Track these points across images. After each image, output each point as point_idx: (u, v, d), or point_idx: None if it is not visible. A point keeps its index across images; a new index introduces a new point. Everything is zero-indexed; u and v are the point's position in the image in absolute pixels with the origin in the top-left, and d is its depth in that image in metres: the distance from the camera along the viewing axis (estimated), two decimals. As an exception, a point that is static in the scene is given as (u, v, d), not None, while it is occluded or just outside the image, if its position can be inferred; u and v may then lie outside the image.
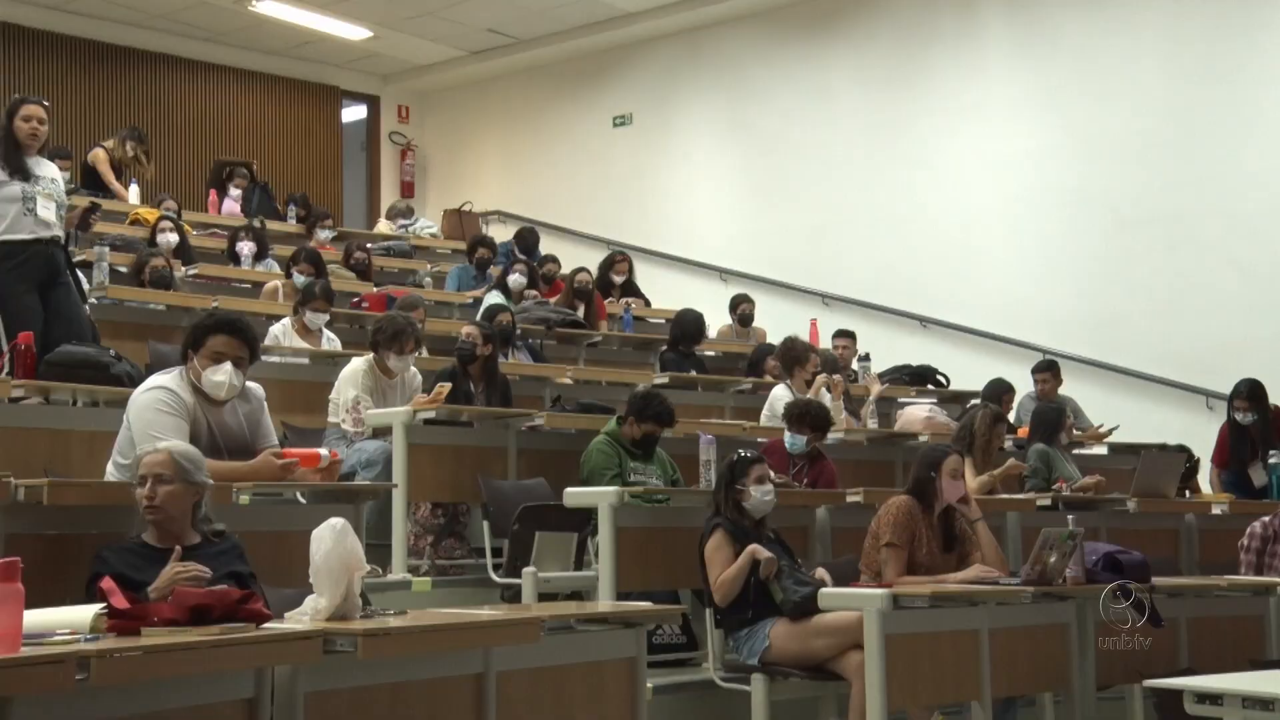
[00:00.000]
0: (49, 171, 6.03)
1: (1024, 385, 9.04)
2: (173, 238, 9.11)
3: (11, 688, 2.60)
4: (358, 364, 6.40)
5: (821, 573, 5.14)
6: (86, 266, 7.32)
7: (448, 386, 6.21)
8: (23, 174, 5.86)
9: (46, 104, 6.09)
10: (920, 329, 11.20)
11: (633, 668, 4.01)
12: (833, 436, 6.93)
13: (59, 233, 5.98)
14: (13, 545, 3.57)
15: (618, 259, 10.97)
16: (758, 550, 4.90)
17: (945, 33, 11.55)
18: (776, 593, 4.88)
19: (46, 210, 5.87)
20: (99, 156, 11.05)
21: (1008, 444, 7.26)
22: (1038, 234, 10.81)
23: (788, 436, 6.35)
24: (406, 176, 15.26)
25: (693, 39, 13.13)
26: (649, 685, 4.26)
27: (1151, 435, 8.59)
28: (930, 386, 9.64)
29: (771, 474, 5.25)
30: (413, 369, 6.53)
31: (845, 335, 9.58)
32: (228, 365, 4.31)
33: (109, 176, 11.05)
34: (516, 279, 9.71)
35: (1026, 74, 11.07)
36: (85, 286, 6.36)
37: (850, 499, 5.98)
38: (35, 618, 2.81)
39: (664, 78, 13.36)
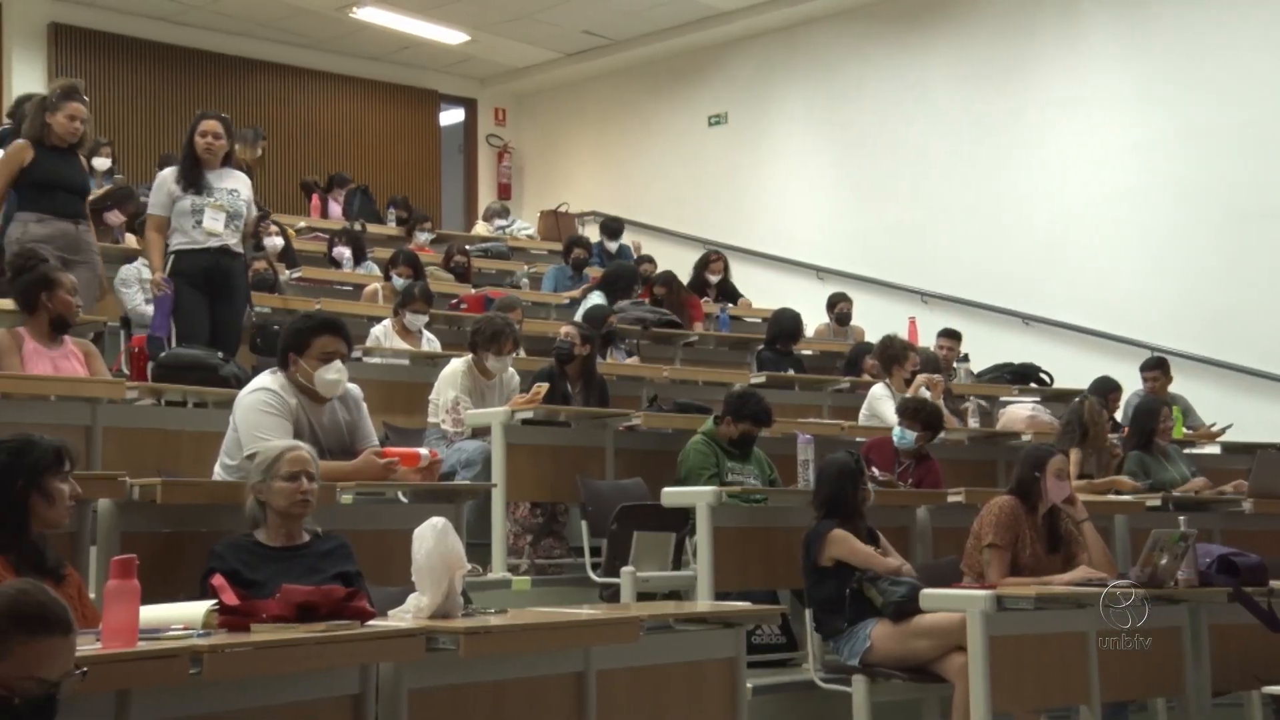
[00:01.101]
0: (230, 182, 6.29)
1: (1131, 383, 8.84)
2: (278, 241, 9.29)
3: (129, 681, 2.67)
4: (457, 365, 6.47)
5: (906, 568, 5.07)
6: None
7: (545, 387, 6.24)
8: (195, 187, 6.16)
9: (226, 118, 6.34)
10: (1022, 326, 11.01)
11: (732, 668, 4.00)
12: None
13: (229, 242, 6.21)
14: (128, 543, 3.67)
15: (712, 258, 10.94)
16: (887, 564, 4.87)
17: (1046, 24, 11.33)
18: (875, 597, 4.83)
19: (214, 221, 6.14)
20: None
21: (1112, 440, 7.10)
22: (1144, 228, 10.56)
23: (897, 431, 6.29)
24: (503, 178, 15.39)
25: (788, 36, 13.06)
26: (748, 685, 4.24)
27: (1268, 434, 8.34)
28: (1033, 385, 9.47)
29: (876, 473, 5.20)
30: (511, 369, 6.58)
31: (949, 335, 9.45)
32: (338, 363, 4.41)
33: None
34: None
35: (1130, 65, 10.82)
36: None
37: (951, 499, 5.90)
38: (150, 613, 2.88)
39: (759, 76, 13.30)
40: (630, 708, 3.69)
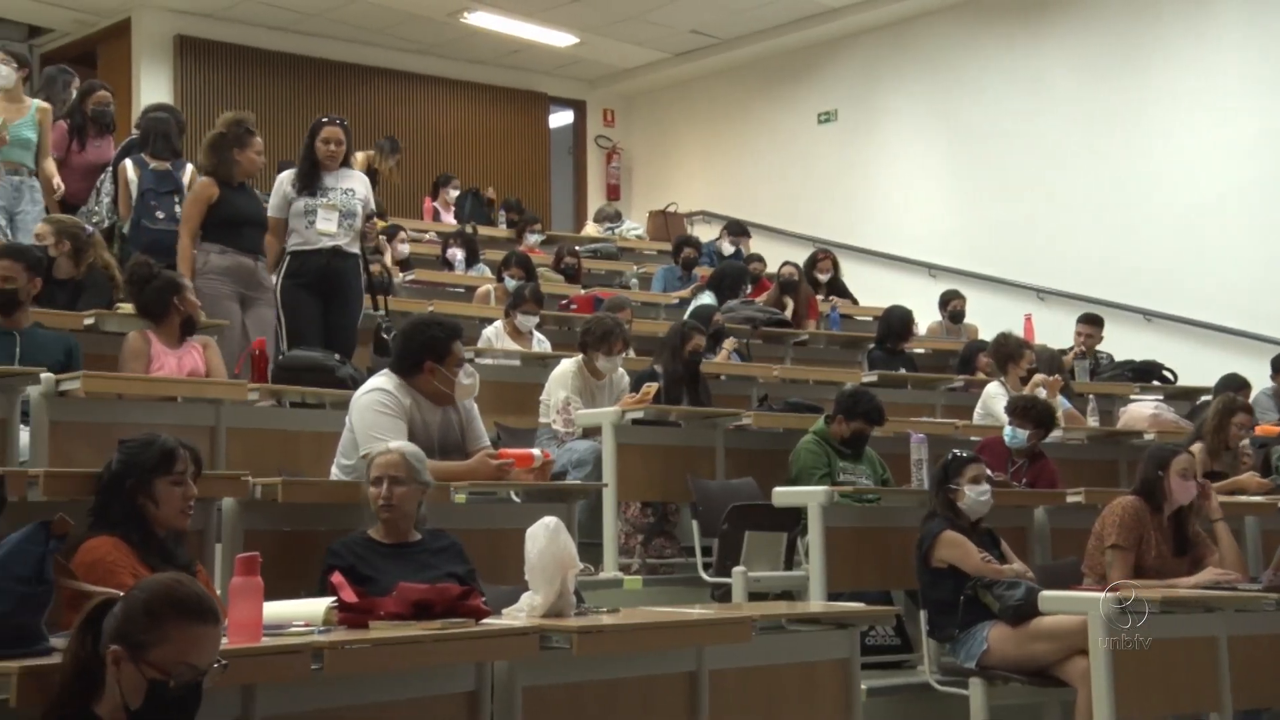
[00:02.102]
0: (346, 183, 6.40)
1: (1260, 381, 8.55)
2: (404, 249, 9.44)
3: (254, 675, 2.74)
4: (567, 365, 6.51)
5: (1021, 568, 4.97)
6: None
7: (655, 386, 6.25)
8: (310, 189, 6.30)
9: (345, 122, 6.46)
10: (1144, 323, 10.72)
11: (846, 669, 3.97)
12: (1051, 435, 6.69)
13: (340, 242, 6.31)
14: (251, 540, 3.76)
15: (820, 257, 10.86)
16: (1001, 571, 4.79)
17: (1171, 12, 11.02)
18: (991, 603, 4.74)
19: (327, 222, 6.25)
20: (359, 163, 11.43)
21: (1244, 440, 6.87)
22: (1274, 221, 10.19)
23: (1008, 430, 6.17)
24: (612, 179, 15.46)
25: (898, 31, 12.90)
26: (863, 687, 4.20)
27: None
28: (1156, 383, 9.22)
29: (989, 473, 5.10)
30: (621, 370, 6.60)
31: (1090, 321, 9.22)
32: (469, 366, 4.51)
33: None
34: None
35: (1262, 52, 10.46)
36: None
37: (1071, 499, 5.77)
38: (273, 610, 2.95)
39: (869, 72, 13.16)
40: (743, 708, 3.68)
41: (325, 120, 6.47)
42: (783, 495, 5.42)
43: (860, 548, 5.33)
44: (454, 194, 12.36)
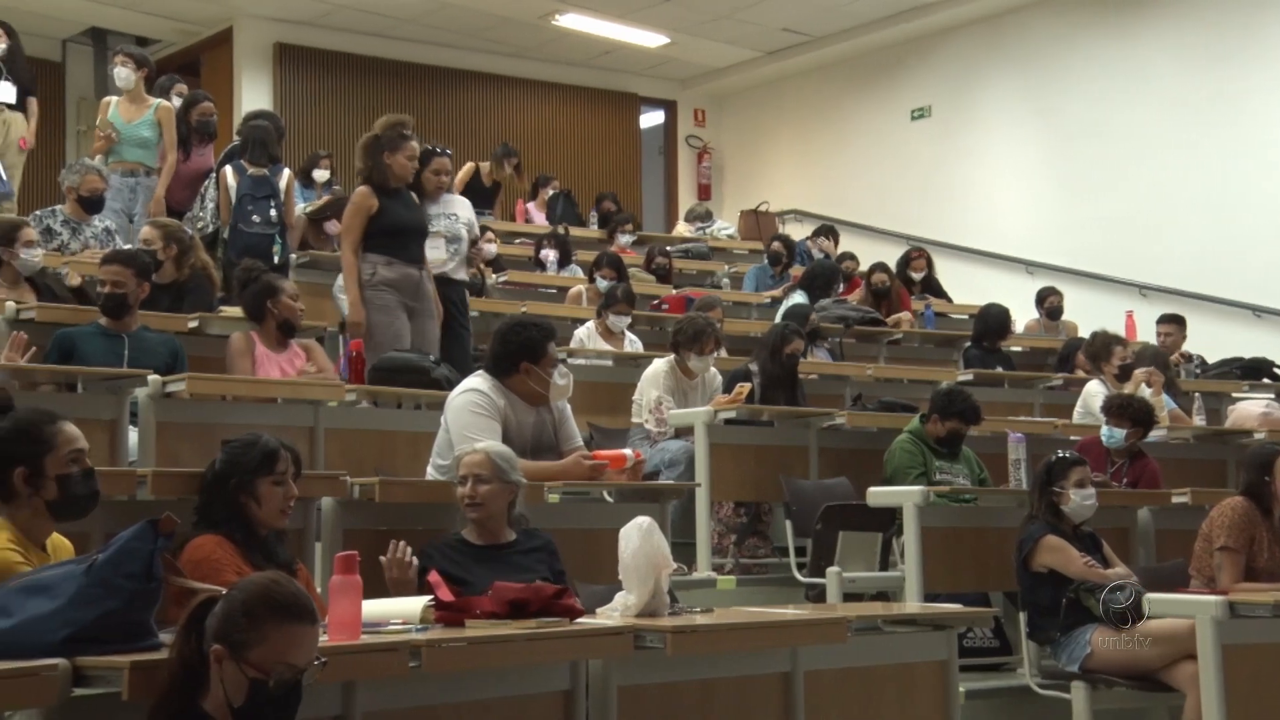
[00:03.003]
0: (449, 208, 6.36)
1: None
2: (492, 249, 9.52)
3: (354, 672, 2.78)
4: (659, 365, 6.52)
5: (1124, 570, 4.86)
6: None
7: (748, 386, 6.23)
8: None
9: (450, 153, 6.44)
10: (1253, 319, 10.43)
11: (944, 671, 3.92)
12: (1155, 434, 6.54)
13: (449, 269, 6.25)
14: (349, 539, 3.82)
15: (914, 255, 10.72)
16: (1104, 575, 4.70)
17: (1272, 0, 10.72)
18: (1093, 606, 4.64)
19: (434, 250, 6.17)
20: (467, 174, 11.57)
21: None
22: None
23: (1105, 430, 6.05)
24: (703, 179, 15.44)
25: (993, 26, 12.70)
26: (961, 689, 4.14)
27: None
28: (1266, 381, 8.96)
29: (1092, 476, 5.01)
30: (713, 369, 6.59)
31: (1171, 321, 9.01)
32: (563, 367, 4.54)
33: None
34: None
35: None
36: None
37: (1176, 499, 5.64)
38: (371, 608, 2.99)
39: (964, 67, 12.98)
40: (839, 709, 3.65)
41: (436, 151, 6.33)
42: (877, 495, 5.37)
43: (957, 548, 5.25)
44: (551, 194, 12.43)
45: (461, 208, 6.47)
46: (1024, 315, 10.19)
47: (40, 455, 2.97)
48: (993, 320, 8.70)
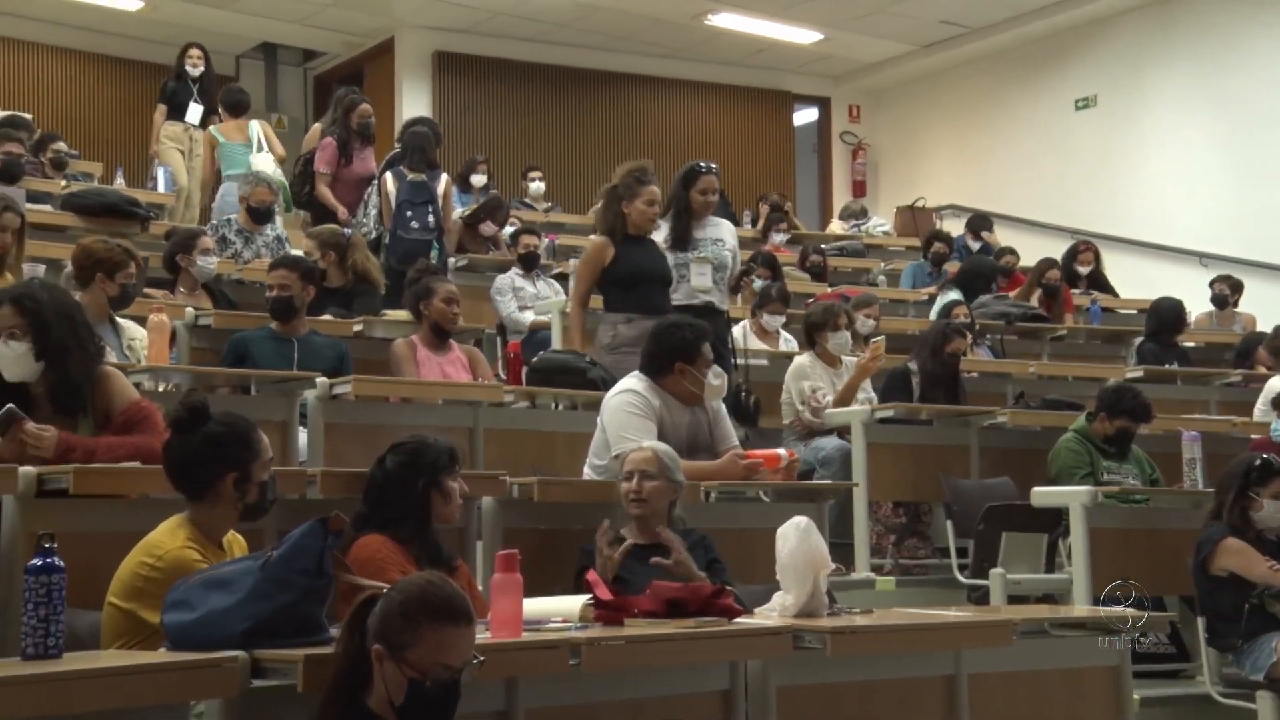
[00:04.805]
0: (714, 231, 5.86)
1: None
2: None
3: (516, 669, 2.83)
4: (801, 361, 6.50)
5: None
6: (563, 278, 7.84)
7: (882, 341, 6.22)
8: (681, 243, 5.74)
9: (717, 169, 5.91)
10: None
11: (1116, 677, 3.81)
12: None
13: (713, 298, 5.79)
14: (509, 538, 3.88)
15: (1081, 249, 10.39)
16: None
17: None
18: (1278, 610, 4.44)
19: (701, 277, 5.72)
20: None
21: None
22: None
23: (1276, 425, 5.78)
24: (858, 176, 15.26)
25: (1163, 10, 12.26)
26: (1135, 696, 4.01)
27: None
28: None
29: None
30: (849, 358, 6.49)
31: None
32: (717, 367, 4.53)
33: None
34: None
35: None
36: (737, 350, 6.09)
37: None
38: (531, 606, 3.03)
39: (1131, 54, 12.55)
40: (1005, 714, 3.57)
41: (703, 168, 5.78)
42: (1043, 495, 5.24)
43: (1128, 550, 5.08)
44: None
45: (727, 233, 5.96)
46: (1197, 308, 9.81)
47: (249, 461, 3.04)
48: (1167, 314, 8.40)
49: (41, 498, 3.21)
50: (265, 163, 8.65)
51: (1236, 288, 9.91)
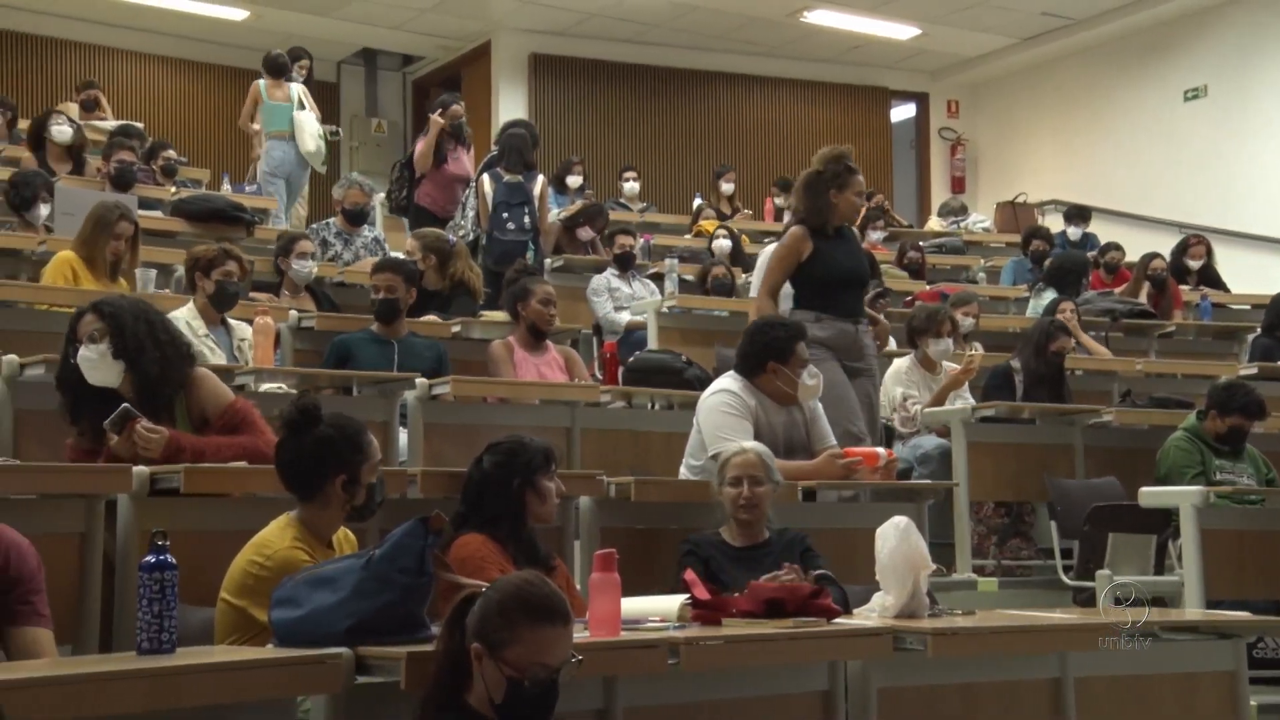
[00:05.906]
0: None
1: None
2: (725, 244, 9.52)
3: (615, 668, 2.83)
4: (900, 363, 6.42)
5: None
6: (659, 278, 7.85)
7: (980, 353, 6.04)
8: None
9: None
10: None
11: (1232, 682, 3.70)
12: None
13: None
14: (606, 538, 3.89)
15: (1192, 242, 10.12)
16: None
17: None
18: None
19: None
20: None
21: None
22: None
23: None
24: (957, 172, 15.05)
25: (1276, -4, 11.92)
26: (1253, 703, 3.89)
27: None
28: None
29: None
30: (947, 364, 6.39)
31: None
32: (812, 367, 4.49)
33: None
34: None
35: None
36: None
37: None
38: (629, 605, 3.03)
39: (1244, 43, 12.20)
40: (1113, 718, 3.49)
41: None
42: (1151, 495, 5.11)
43: (1242, 553, 4.95)
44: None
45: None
46: (1314, 303, 9.49)
47: (359, 464, 3.09)
48: (1285, 308, 8.13)
49: (154, 496, 3.29)
50: (308, 120, 9.32)
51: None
